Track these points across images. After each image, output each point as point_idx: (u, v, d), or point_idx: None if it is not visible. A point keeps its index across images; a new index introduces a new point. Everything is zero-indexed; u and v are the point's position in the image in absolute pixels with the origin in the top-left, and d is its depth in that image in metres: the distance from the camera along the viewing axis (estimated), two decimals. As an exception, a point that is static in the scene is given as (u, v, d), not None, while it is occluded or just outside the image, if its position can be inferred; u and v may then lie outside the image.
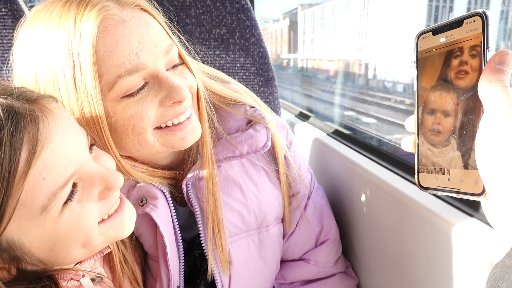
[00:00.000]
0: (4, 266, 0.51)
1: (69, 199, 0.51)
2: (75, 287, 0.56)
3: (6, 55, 1.10)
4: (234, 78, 1.21)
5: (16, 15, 1.12)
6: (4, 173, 0.45)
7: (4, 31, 1.12)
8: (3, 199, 0.45)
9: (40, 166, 0.47)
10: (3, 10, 1.12)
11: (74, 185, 0.53)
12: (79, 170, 0.52)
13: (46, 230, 0.50)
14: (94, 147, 0.60)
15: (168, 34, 0.71)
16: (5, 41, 1.11)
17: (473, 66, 0.41)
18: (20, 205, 0.47)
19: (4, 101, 0.48)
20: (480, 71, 0.40)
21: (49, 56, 0.62)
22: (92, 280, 0.60)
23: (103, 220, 0.58)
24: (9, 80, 0.68)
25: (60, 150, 0.50)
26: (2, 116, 0.46)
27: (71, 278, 0.57)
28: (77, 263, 0.61)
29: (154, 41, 0.66)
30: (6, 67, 0.69)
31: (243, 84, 1.21)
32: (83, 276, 0.58)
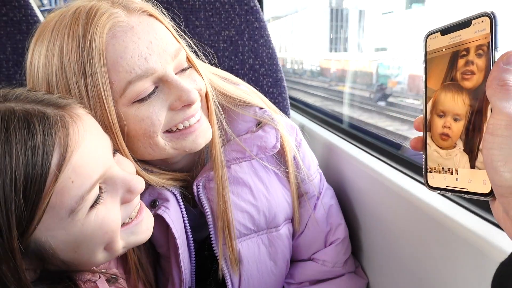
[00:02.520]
0: (31, 266, 0.52)
1: (95, 202, 0.53)
2: None
3: (21, 59, 1.13)
4: (243, 80, 1.22)
5: (30, 20, 1.15)
6: (36, 176, 0.46)
7: (18, 35, 1.15)
8: (35, 201, 0.47)
9: (69, 170, 0.49)
10: (18, 15, 1.15)
11: (100, 188, 0.54)
12: (105, 174, 0.54)
13: (72, 232, 0.51)
14: (116, 153, 0.62)
15: (175, 38, 0.72)
16: (19, 46, 1.14)
17: (481, 66, 0.41)
18: (49, 208, 0.48)
19: (36, 107, 0.50)
20: (488, 71, 0.40)
21: (61, 65, 0.63)
22: (107, 281, 0.62)
23: (124, 224, 0.59)
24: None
25: (89, 155, 0.52)
26: (36, 121, 0.48)
27: (88, 280, 0.58)
28: None
29: (162, 46, 0.67)
30: (20, 74, 0.71)
31: (252, 85, 1.22)
32: (99, 277, 0.60)
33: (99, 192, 0.54)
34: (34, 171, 0.46)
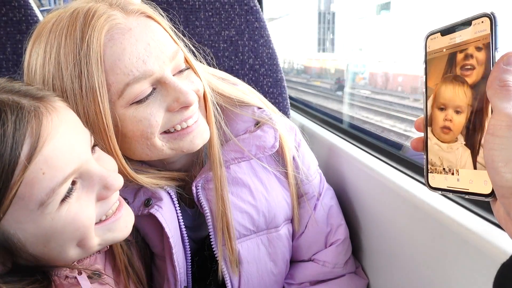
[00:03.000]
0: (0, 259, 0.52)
1: (67, 196, 0.52)
2: (71, 284, 0.57)
3: (20, 59, 1.13)
4: (243, 79, 1.22)
5: (30, 20, 1.14)
6: (4, 165, 0.46)
7: (18, 35, 1.14)
8: (1, 191, 0.46)
9: (40, 161, 0.48)
10: (17, 15, 1.15)
11: (74, 183, 0.53)
12: (80, 168, 0.53)
13: (41, 226, 0.51)
14: (97, 148, 0.61)
15: (173, 39, 0.72)
16: (19, 46, 1.14)
17: (482, 67, 0.41)
18: (18, 198, 0.48)
19: (11, 96, 0.50)
20: (488, 71, 0.40)
21: (58, 66, 0.63)
22: (89, 277, 0.61)
23: (100, 221, 0.58)
24: None
25: (62, 147, 0.51)
26: (8, 110, 0.48)
27: (66, 276, 0.57)
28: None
29: (160, 48, 0.67)
30: (20, 74, 0.71)
31: (252, 85, 1.22)
32: (80, 273, 0.59)
33: (73, 186, 0.53)
34: (2, 160, 0.46)
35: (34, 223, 0.50)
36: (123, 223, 0.61)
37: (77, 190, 0.54)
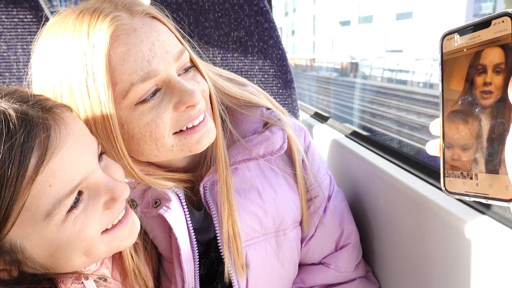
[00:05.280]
0: (6, 267, 0.52)
1: (73, 207, 0.52)
2: None
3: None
4: (253, 81, 1.21)
5: (41, 21, 1.15)
6: (12, 178, 0.46)
7: (29, 37, 1.15)
8: (9, 203, 0.46)
9: (48, 174, 0.48)
10: (28, 16, 1.16)
11: (80, 193, 0.53)
12: (86, 179, 0.53)
13: (48, 237, 0.51)
14: (105, 157, 0.61)
15: (179, 39, 0.72)
16: (30, 47, 1.15)
17: (502, 68, 0.40)
18: (25, 210, 0.48)
19: (20, 107, 0.50)
20: (509, 72, 0.39)
21: (64, 67, 0.64)
22: (96, 282, 0.61)
23: (106, 230, 0.58)
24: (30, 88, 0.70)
25: (69, 159, 0.51)
26: (16, 122, 0.47)
27: (72, 282, 0.57)
28: None
29: (165, 48, 0.67)
30: (24, 74, 0.71)
31: (261, 87, 1.21)
32: (87, 278, 0.59)
33: (80, 197, 0.53)
34: (10, 173, 0.46)
35: (40, 233, 0.50)
36: (129, 231, 0.61)
37: (84, 200, 0.54)
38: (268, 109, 0.86)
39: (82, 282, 0.57)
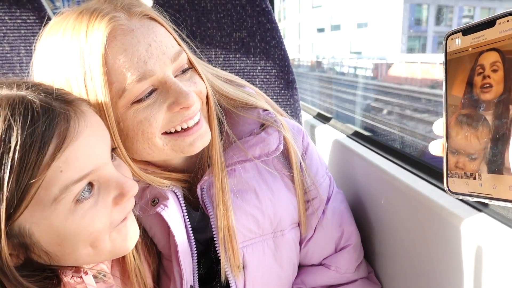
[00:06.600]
0: (14, 252, 0.53)
1: (83, 198, 0.53)
2: (77, 283, 0.58)
3: (34, 61, 1.14)
4: (255, 81, 1.21)
5: (44, 22, 1.15)
6: (32, 162, 0.48)
7: (32, 38, 1.16)
8: (26, 186, 0.48)
9: (61, 160, 0.50)
10: (31, 17, 1.16)
11: (92, 185, 0.55)
12: (97, 170, 0.55)
13: (55, 224, 0.52)
14: (117, 157, 0.63)
15: (177, 41, 0.73)
16: (33, 48, 1.15)
17: (507, 67, 0.40)
18: (37, 194, 0.49)
19: (44, 98, 0.52)
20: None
21: (64, 66, 0.65)
22: (95, 277, 0.62)
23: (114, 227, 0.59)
24: None
25: (83, 149, 0.53)
26: (40, 111, 0.50)
27: (72, 275, 0.58)
28: None
29: (162, 49, 0.68)
30: (27, 75, 0.72)
31: (263, 87, 1.21)
32: (86, 273, 0.60)
33: (92, 190, 0.55)
34: (30, 156, 0.48)
35: (48, 219, 0.52)
36: (130, 231, 0.62)
37: (94, 195, 0.55)
38: (265, 110, 0.86)
39: (81, 276, 0.58)
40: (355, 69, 16.45)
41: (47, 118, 0.50)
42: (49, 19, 1.17)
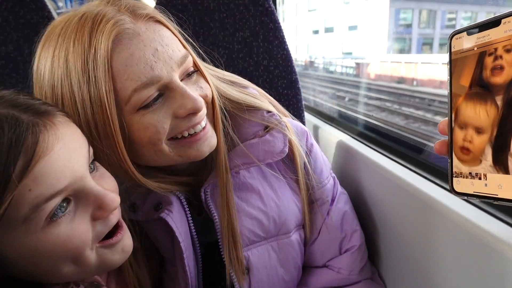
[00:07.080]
0: None
1: (56, 215, 0.50)
2: None
3: (37, 61, 1.14)
4: (258, 81, 1.21)
5: (47, 22, 1.15)
6: None
7: (35, 37, 1.16)
8: None
9: (30, 179, 0.47)
10: (35, 18, 1.16)
11: (68, 201, 0.52)
12: (73, 185, 0.51)
13: (27, 245, 0.49)
14: (99, 166, 0.59)
15: (182, 43, 0.71)
16: (34, 49, 1.15)
17: None
18: (5, 215, 0.46)
19: (12, 111, 0.48)
20: None
21: (66, 71, 0.63)
22: None
23: (101, 241, 0.56)
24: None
25: (54, 164, 0.49)
26: (5, 126, 0.46)
27: None
28: None
29: (169, 53, 0.66)
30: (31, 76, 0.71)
31: (266, 87, 1.21)
32: (78, 286, 0.57)
33: (68, 206, 0.51)
34: None
35: (20, 240, 0.48)
36: (121, 246, 0.59)
37: (71, 211, 0.52)
38: (269, 112, 0.85)
39: None
40: (342, 68, 19.61)
41: (13, 133, 0.46)
42: (52, 19, 1.17)
